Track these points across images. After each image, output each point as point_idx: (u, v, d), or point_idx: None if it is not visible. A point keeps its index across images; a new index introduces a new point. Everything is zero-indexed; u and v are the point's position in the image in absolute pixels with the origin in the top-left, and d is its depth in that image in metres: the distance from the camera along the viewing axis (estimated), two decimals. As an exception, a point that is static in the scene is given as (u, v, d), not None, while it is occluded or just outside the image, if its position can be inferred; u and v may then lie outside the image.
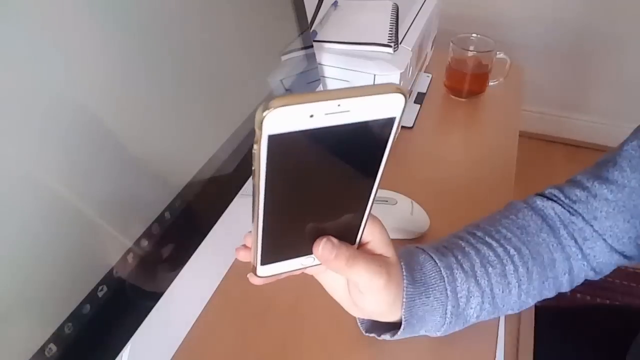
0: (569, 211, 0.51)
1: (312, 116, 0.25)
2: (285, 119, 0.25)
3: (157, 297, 0.42)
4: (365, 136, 0.28)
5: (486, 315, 0.47)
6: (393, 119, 0.28)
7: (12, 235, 0.29)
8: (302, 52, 0.65)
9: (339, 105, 0.25)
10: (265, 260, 0.34)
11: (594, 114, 1.99)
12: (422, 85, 0.93)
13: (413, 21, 0.80)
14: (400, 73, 0.68)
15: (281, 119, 0.24)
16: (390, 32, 0.73)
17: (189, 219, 0.45)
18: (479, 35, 0.92)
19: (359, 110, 0.26)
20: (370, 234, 0.38)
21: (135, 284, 0.40)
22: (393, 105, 0.27)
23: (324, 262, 0.35)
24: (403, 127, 0.83)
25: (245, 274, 0.36)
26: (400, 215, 0.63)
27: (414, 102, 0.89)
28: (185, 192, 0.45)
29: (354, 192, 0.33)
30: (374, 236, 0.38)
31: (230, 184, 0.51)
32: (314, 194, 0.31)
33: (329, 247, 0.34)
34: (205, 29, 0.47)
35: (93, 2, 0.34)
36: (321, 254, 0.35)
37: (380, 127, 0.28)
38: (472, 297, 0.45)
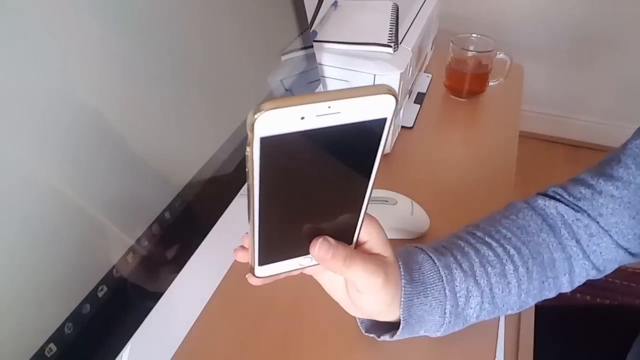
0: (574, 208, 0.51)
1: (303, 118, 0.25)
2: (277, 121, 0.25)
3: (157, 297, 0.42)
4: (357, 137, 0.28)
5: (486, 315, 0.47)
6: (384, 119, 0.28)
7: (12, 235, 0.29)
8: (302, 52, 0.65)
9: (329, 107, 0.25)
10: (262, 261, 0.34)
11: (594, 114, 1.99)
12: (422, 85, 0.93)
13: (413, 21, 0.80)
14: (400, 73, 0.68)
15: (272, 122, 0.25)
16: (390, 32, 0.73)
17: (189, 219, 0.45)
18: (479, 35, 0.92)
19: (350, 111, 0.26)
20: (367, 234, 0.38)
21: (136, 284, 0.40)
22: (384, 107, 0.27)
23: (320, 262, 0.35)
24: (403, 127, 0.83)
25: (245, 274, 0.36)
26: (400, 215, 0.63)
27: (414, 102, 0.89)
28: (185, 192, 0.45)
29: (348, 192, 0.33)
30: (371, 236, 0.39)
31: (230, 184, 0.51)
32: (308, 194, 0.31)
33: (325, 246, 0.35)
34: (205, 29, 0.47)
35: (93, 2, 0.34)
36: (318, 253, 0.35)
37: (372, 128, 0.28)
38: (471, 297, 0.45)
